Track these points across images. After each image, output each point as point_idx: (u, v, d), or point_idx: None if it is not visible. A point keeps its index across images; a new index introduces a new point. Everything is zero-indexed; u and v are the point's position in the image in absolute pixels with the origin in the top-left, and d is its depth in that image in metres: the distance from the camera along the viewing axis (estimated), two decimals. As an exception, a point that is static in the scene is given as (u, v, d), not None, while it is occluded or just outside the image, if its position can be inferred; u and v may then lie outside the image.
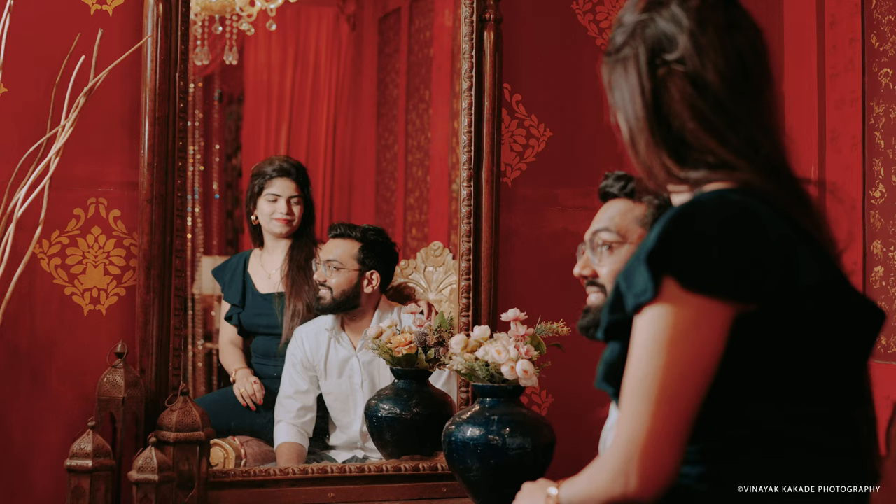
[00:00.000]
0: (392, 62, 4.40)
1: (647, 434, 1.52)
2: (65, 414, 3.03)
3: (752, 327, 1.55)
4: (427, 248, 3.73)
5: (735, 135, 1.65)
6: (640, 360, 1.54)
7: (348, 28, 4.45)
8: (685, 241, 1.54)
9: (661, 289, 1.53)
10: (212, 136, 4.26)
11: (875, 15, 3.48)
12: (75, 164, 3.01)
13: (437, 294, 3.69)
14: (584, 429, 3.36)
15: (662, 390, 1.52)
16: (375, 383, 3.50)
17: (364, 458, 3.46)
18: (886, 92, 3.44)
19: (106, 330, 3.07)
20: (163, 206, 3.02)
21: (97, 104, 2.95)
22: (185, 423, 2.87)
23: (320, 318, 3.57)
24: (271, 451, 3.50)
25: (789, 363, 1.58)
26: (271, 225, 3.64)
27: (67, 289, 3.06)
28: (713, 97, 1.65)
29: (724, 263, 1.52)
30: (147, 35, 3.00)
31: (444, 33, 4.25)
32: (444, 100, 4.21)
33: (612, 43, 1.77)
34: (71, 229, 3.06)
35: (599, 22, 3.64)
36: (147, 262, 3.01)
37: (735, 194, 1.60)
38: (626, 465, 1.54)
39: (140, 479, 2.72)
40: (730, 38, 1.68)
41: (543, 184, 3.57)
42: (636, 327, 1.57)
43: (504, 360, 2.81)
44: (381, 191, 4.41)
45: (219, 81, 4.28)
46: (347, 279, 3.49)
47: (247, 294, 3.67)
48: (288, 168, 3.68)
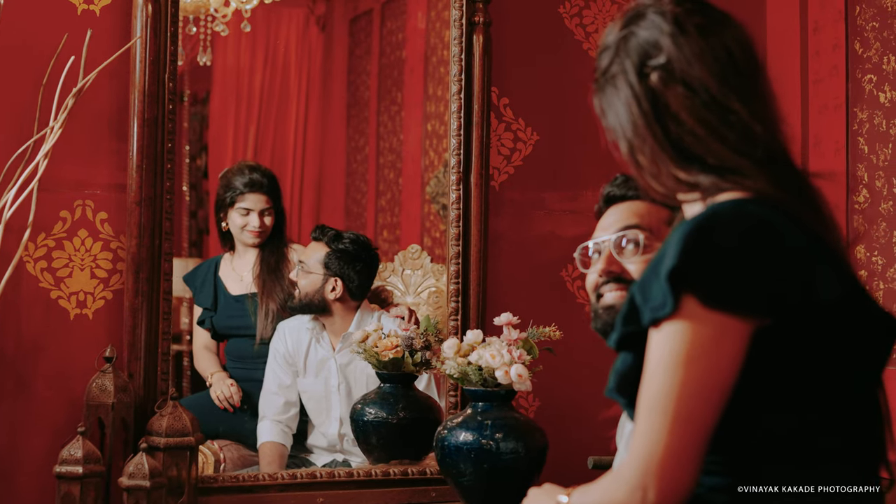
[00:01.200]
0: (363, 64, 4.39)
1: (665, 450, 1.51)
2: (51, 419, 2.99)
3: (771, 340, 1.54)
4: (405, 251, 3.72)
5: (731, 131, 1.64)
6: (657, 375, 1.53)
7: (318, 29, 4.42)
8: (705, 256, 1.52)
9: (681, 304, 1.51)
10: (181, 137, 4.22)
11: (859, 21, 3.51)
12: (62, 166, 2.97)
13: (415, 297, 3.68)
14: (572, 433, 3.37)
15: (680, 407, 1.51)
16: (351, 387, 3.49)
17: (343, 461, 3.45)
18: (870, 98, 3.47)
19: (92, 334, 3.03)
20: (152, 209, 2.99)
21: (83, 105, 2.92)
22: (175, 428, 2.84)
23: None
24: (250, 456, 3.48)
25: (807, 374, 1.57)
26: (243, 236, 3.63)
27: (53, 292, 3.02)
28: (706, 94, 1.65)
29: (745, 279, 1.51)
30: (136, 36, 2.96)
31: (417, 36, 4.24)
32: (418, 102, 4.20)
33: (599, 67, 1.76)
34: (57, 232, 3.02)
35: (586, 26, 3.65)
36: (136, 265, 2.97)
37: (751, 205, 1.59)
38: (644, 479, 1.52)
39: (131, 486, 2.69)
40: (713, 35, 1.68)
41: (531, 187, 3.57)
42: (653, 342, 1.55)
43: (498, 365, 2.80)
44: (351, 193, 4.39)
45: (188, 82, 4.25)
46: (312, 283, 3.47)
47: (218, 297, 3.64)
48: (259, 182, 3.66)
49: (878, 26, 3.45)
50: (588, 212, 3.59)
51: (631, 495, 1.54)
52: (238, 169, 3.74)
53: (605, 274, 2.18)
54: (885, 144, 3.42)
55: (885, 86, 3.42)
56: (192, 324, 3.81)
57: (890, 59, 3.40)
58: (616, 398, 1.70)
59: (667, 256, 1.55)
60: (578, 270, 3.60)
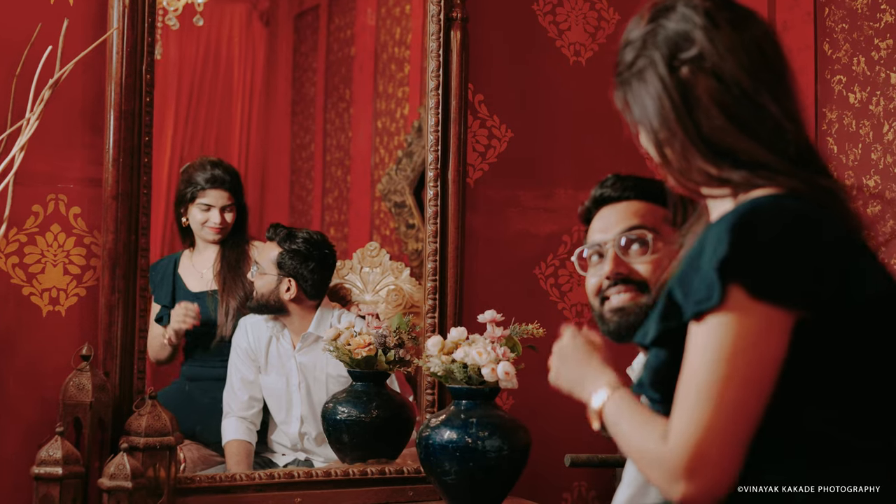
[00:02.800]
0: (308, 61, 4.36)
1: (712, 439, 1.50)
2: (22, 418, 2.91)
3: (811, 334, 1.54)
4: (363, 248, 3.68)
5: (763, 127, 1.63)
6: (703, 366, 1.52)
7: (261, 25, 4.38)
8: (753, 248, 1.52)
9: (728, 296, 1.50)
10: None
11: (828, 23, 3.56)
12: (33, 160, 2.87)
13: (373, 295, 3.65)
14: (547, 431, 3.36)
15: (728, 397, 1.50)
16: (311, 386, 3.45)
17: (306, 460, 3.42)
18: (839, 98, 3.51)
19: (65, 332, 2.96)
20: (128, 204, 2.92)
21: (56, 97, 2.83)
22: (154, 427, 2.78)
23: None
24: (211, 455, 3.43)
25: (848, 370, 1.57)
26: (203, 232, 3.57)
27: (25, 289, 2.94)
28: (738, 90, 1.64)
29: (792, 271, 1.51)
30: (114, 27, 2.89)
31: (367, 32, 4.22)
32: (367, 99, 4.18)
33: (622, 62, 1.75)
34: (29, 227, 2.94)
35: (559, 24, 3.65)
36: (112, 261, 2.90)
37: (789, 200, 1.59)
38: (689, 467, 1.50)
39: (113, 487, 2.63)
40: (744, 30, 1.68)
41: (505, 185, 3.56)
42: (696, 334, 1.54)
43: (485, 362, 2.78)
44: (295, 190, 4.36)
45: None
46: (266, 284, 3.43)
47: (177, 294, 3.58)
48: (222, 178, 3.60)
49: (848, 28, 3.50)
50: (562, 210, 3.63)
51: (671, 484, 1.52)
52: (200, 164, 3.67)
53: (613, 276, 2.17)
54: (854, 145, 3.46)
55: (854, 86, 3.46)
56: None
57: (860, 60, 3.45)
58: (647, 393, 1.69)
59: (709, 250, 1.54)
60: (552, 269, 3.65)
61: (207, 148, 4.17)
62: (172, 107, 4.26)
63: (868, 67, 3.43)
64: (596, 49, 3.69)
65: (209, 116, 4.25)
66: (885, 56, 3.38)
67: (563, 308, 3.63)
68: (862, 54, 3.45)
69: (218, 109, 4.26)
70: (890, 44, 3.37)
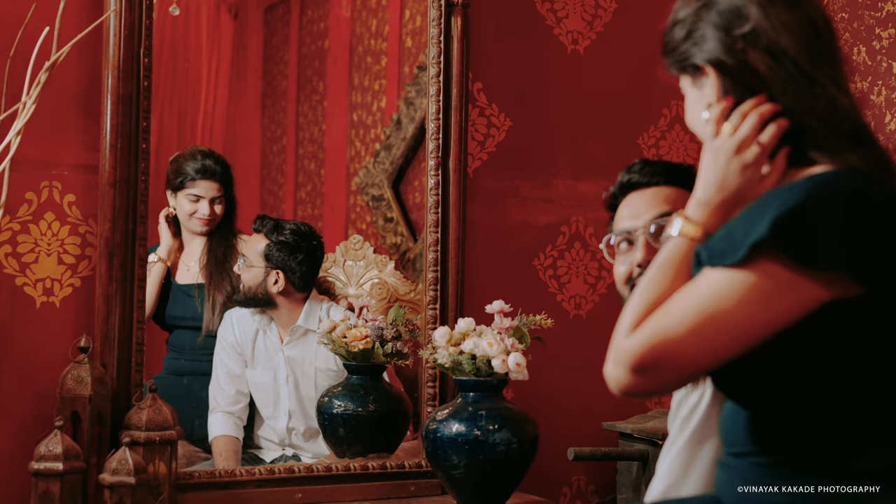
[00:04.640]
0: (280, 53, 4.29)
1: (679, 341, 1.51)
2: (16, 412, 2.82)
3: (866, 309, 1.52)
4: (346, 241, 3.63)
5: (818, 104, 1.62)
6: (703, 294, 1.52)
7: (230, 18, 4.31)
8: (799, 217, 1.50)
9: (760, 252, 1.50)
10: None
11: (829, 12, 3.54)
12: (27, 145, 2.77)
13: (357, 289, 3.59)
14: (548, 424, 3.32)
15: (704, 329, 1.51)
16: (299, 380, 3.39)
17: (293, 456, 3.36)
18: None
19: (59, 323, 2.87)
20: (126, 191, 2.83)
21: (49, 81, 2.74)
22: (155, 421, 2.70)
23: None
24: (196, 452, 3.35)
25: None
26: (191, 223, 3.49)
27: (19, 279, 2.84)
28: (792, 66, 1.63)
29: (847, 243, 1.49)
30: (111, 9, 2.81)
31: (342, 24, 4.16)
32: (342, 92, 4.12)
33: (673, 40, 1.73)
34: (22, 215, 2.85)
35: (557, 11, 3.60)
36: (109, 250, 2.81)
37: (847, 175, 1.57)
38: (646, 352, 1.53)
39: (115, 482, 2.55)
40: (798, 7, 1.66)
41: (504, 175, 3.51)
42: (715, 271, 1.53)
43: (496, 353, 2.73)
44: (266, 184, 4.29)
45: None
46: (254, 277, 3.37)
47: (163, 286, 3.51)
48: (213, 168, 3.53)
49: (849, 17, 3.48)
50: (560, 200, 3.59)
51: (626, 358, 1.54)
52: (190, 154, 3.58)
53: (645, 263, 2.13)
54: (855, 135, 3.45)
55: (855, 76, 3.45)
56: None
57: (861, 49, 3.43)
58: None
59: (756, 211, 1.53)
60: (550, 259, 3.61)
61: (170, 140, 4.09)
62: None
63: (869, 57, 3.42)
64: (594, 37, 3.64)
65: (178, 108, 4.16)
66: (887, 46, 3.37)
67: (562, 300, 3.58)
68: (863, 44, 3.43)
69: (189, 101, 4.17)
70: (891, 33, 3.36)
